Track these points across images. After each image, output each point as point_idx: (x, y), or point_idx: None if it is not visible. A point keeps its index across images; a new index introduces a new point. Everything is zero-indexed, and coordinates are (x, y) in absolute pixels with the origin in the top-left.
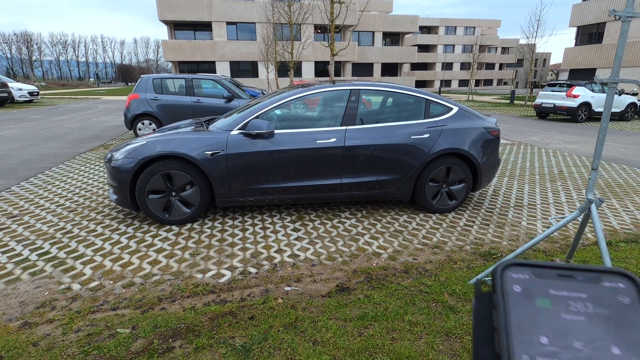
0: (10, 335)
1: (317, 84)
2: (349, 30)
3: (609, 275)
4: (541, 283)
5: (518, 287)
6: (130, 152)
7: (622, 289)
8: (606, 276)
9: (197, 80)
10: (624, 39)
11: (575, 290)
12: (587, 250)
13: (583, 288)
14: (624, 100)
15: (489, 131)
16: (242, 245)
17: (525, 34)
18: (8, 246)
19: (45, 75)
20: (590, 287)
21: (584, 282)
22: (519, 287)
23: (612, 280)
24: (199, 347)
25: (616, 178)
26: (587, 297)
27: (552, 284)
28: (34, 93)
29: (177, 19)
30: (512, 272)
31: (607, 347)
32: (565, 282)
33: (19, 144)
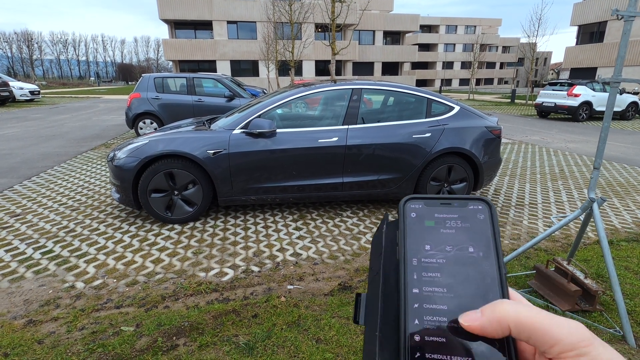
0: (15, 333)
1: (318, 83)
2: (349, 29)
3: (473, 201)
4: (429, 209)
5: (414, 214)
6: (132, 151)
7: (480, 209)
8: (471, 202)
9: (198, 80)
10: (626, 39)
11: (451, 213)
12: (589, 249)
13: (456, 211)
14: (625, 100)
15: (490, 130)
16: (244, 244)
17: (526, 32)
18: (12, 245)
19: (46, 74)
20: (460, 210)
21: (458, 206)
22: (414, 213)
23: (475, 204)
24: (202, 345)
25: (617, 177)
26: (458, 216)
27: (436, 209)
28: (35, 92)
29: (178, 17)
30: (411, 204)
31: (467, 248)
32: (445, 208)
33: (20, 143)
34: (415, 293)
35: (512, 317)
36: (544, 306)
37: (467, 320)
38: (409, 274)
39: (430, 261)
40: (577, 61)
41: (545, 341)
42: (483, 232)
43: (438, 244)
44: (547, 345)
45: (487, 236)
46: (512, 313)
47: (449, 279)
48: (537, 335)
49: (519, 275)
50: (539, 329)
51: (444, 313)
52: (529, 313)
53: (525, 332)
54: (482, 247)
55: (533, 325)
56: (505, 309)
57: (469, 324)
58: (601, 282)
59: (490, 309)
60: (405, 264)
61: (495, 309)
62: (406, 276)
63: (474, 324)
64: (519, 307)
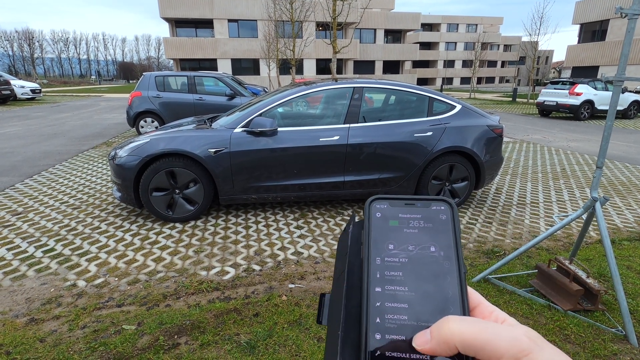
0: (17, 331)
1: (319, 81)
2: (350, 28)
3: (436, 202)
4: (394, 210)
5: (379, 214)
6: (133, 149)
7: (442, 209)
8: (434, 202)
9: (199, 78)
10: (630, 37)
11: (415, 213)
12: (591, 248)
13: (419, 211)
14: (627, 98)
15: (492, 129)
16: (245, 243)
17: (528, 31)
18: (13, 243)
19: (47, 73)
20: (423, 210)
21: (421, 207)
22: (379, 213)
23: (437, 204)
24: (204, 344)
25: (619, 176)
26: (421, 217)
27: (400, 209)
28: (36, 90)
29: (179, 16)
30: (376, 204)
31: (428, 247)
32: (409, 208)
33: (22, 142)
34: (377, 292)
35: (457, 336)
36: (546, 306)
37: (419, 344)
38: (372, 273)
39: (393, 260)
40: (579, 60)
41: (489, 356)
42: (445, 232)
43: (401, 243)
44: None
45: (449, 236)
46: (457, 333)
47: (410, 278)
48: (482, 351)
49: (520, 275)
50: (482, 345)
51: (405, 311)
52: (472, 330)
53: (471, 350)
54: (443, 247)
55: (476, 342)
56: (450, 329)
57: (421, 347)
58: (603, 282)
59: (437, 330)
60: (368, 262)
61: (440, 330)
62: (369, 275)
63: (425, 347)
64: (462, 325)
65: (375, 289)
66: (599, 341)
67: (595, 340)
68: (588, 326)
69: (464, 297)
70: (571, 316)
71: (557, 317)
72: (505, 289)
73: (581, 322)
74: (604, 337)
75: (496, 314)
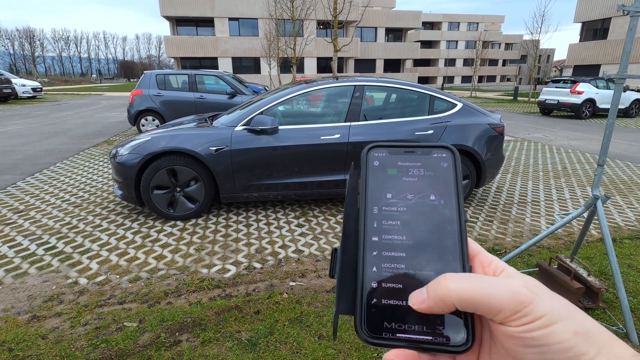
0: (19, 328)
1: (320, 80)
2: (351, 26)
3: (437, 149)
4: (392, 158)
5: (377, 162)
6: (135, 147)
7: (444, 157)
8: (435, 150)
9: (200, 77)
10: (632, 35)
11: (415, 161)
12: (592, 246)
13: (420, 159)
14: (628, 97)
15: (493, 127)
16: (246, 241)
17: (529, 29)
18: (15, 241)
19: (48, 71)
20: (424, 157)
21: (421, 154)
22: (377, 162)
23: (438, 152)
24: (205, 341)
25: (620, 175)
26: (421, 164)
27: (399, 157)
28: (37, 89)
29: (179, 14)
30: (374, 152)
31: (428, 196)
32: (409, 156)
33: (23, 140)
34: (374, 241)
35: (454, 295)
36: None
37: (415, 303)
38: (369, 222)
39: (391, 209)
40: (581, 58)
41: (489, 311)
42: (445, 180)
43: (400, 192)
44: (491, 315)
45: (449, 184)
46: (454, 291)
47: (409, 227)
48: (481, 307)
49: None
50: (480, 301)
51: (403, 260)
52: (469, 287)
53: (469, 307)
54: (443, 195)
55: (474, 299)
56: (447, 287)
57: (418, 306)
58: (604, 280)
59: (433, 289)
60: (365, 212)
61: (437, 289)
62: (366, 225)
63: (422, 306)
64: (459, 282)
65: (372, 238)
66: None
67: None
68: None
69: (463, 246)
70: None
71: None
72: None
73: None
74: None
75: (495, 264)
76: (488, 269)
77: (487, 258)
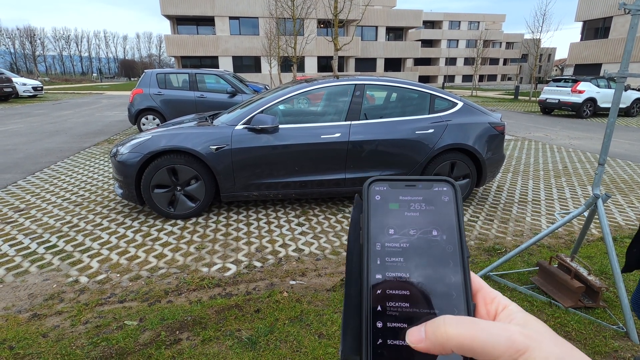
0: (20, 326)
1: (320, 79)
2: (352, 25)
3: (438, 182)
4: (394, 192)
5: (378, 196)
6: (135, 146)
7: (445, 191)
8: (436, 183)
9: (200, 75)
10: (633, 33)
11: (416, 195)
12: (592, 245)
13: (421, 193)
14: (629, 96)
15: (493, 126)
16: (246, 240)
17: (530, 28)
18: (16, 239)
19: (49, 70)
20: (425, 191)
21: (422, 188)
22: (378, 196)
23: (439, 185)
24: (205, 339)
25: (621, 174)
26: (423, 198)
27: (401, 192)
28: (37, 88)
29: (180, 13)
30: (375, 186)
31: (430, 231)
32: (410, 190)
33: (24, 139)
34: (378, 279)
35: (453, 341)
36: (547, 303)
37: (413, 342)
38: (372, 259)
39: (394, 245)
40: (582, 57)
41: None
42: (447, 214)
43: (402, 228)
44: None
45: (451, 219)
46: (453, 337)
47: (412, 264)
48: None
49: (521, 272)
50: (478, 349)
51: (407, 299)
52: (468, 334)
53: (467, 353)
54: (445, 230)
55: (472, 346)
56: (446, 332)
57: (415, 345)
58: (605, 279)
59: (432, 332)
60: (368, 248)
61: (436, 332)
62: (369, 261)
63: (419, 345)
64: (459, 328)
65: (376, 276)
66: (599, 338)
67: (596, 337)
68: (589, 323)
69: (467, 282)
70: (572, 313)
71: (558, 314)
72: (506, 286)
73: (582, 319)
74: (604, 334)
75: (498, 300)
76: (491, 306)
77: (489, 294)
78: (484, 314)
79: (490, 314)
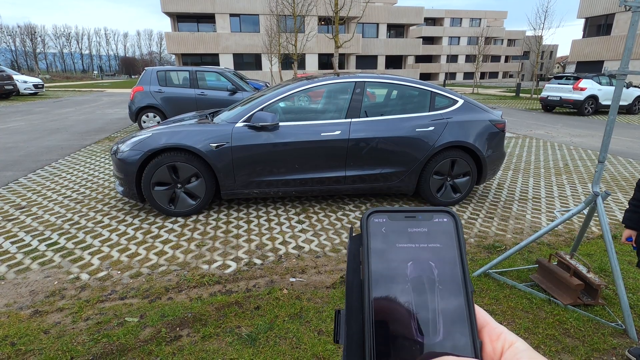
0: (21, 323)
1: (321, 76)
2: (353, 22)
3: (438, 213)
4: (393, 224)
5: (377, 229)
6: (136, 144)
7: (445, 222)
8: (436, 214)
9: (201, 73)
10: (634, 30)
11: (416, 227)
12: (592, 243)
13: (421, 224)
14: (631, 94)
15: (494, 124)
16: (247, 237)
17: (532, 25)
18: (17, 237)
19: (49, 68)
20: (425, 223)
21: (422, 220)
22: (378, 228)
23: (440, 217)
24: (206, 336)
25: (622, 172)
26: (422, 231)
27: (400, 224)
28: (38, 86)
29: (181, 10)
30: (374, 218)
31: (432, 265)
32: (409, 221)
33: (25, 136)
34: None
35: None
36: (546, 300)
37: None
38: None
39: (396, 280)
40: (584, 54)
41: None
42: (448, 246)
43: (403, 262)
44: None
45: (453, 251)
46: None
47: (415, 300)
48: None
49: (521, 269)
50: None
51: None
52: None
53: None
54: (447, 263)
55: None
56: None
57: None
58: (604, 277)
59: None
60: (369, 283)
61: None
62: (371, 297)
63: None
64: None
65: (378, 312)
66: (598, 335)
67: (595, 334)
68: (588, 320)
69: (471, 318)
70: (571, 310)
71: (557, 311)
72: (506, 283)
73: (581, 317)
74: (603, 331)
75: (504, 336)
76: (497, 343)
77: (495, 330)
78: (490, 352)
79: (497, 351)
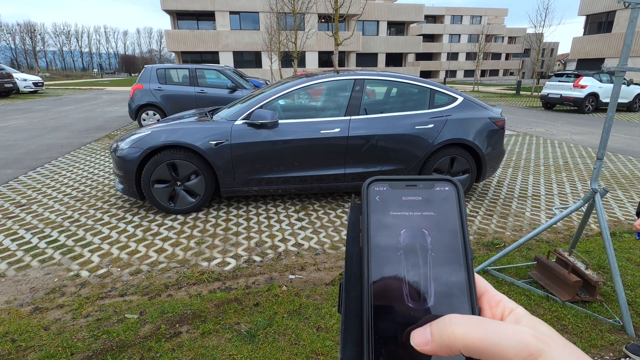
0: (22, 319)
1: (320, 73)
2: (353, 20)
3: (439, 182)
4: (394, 192)
5: (378, 197)
6: (135, 142)
7: (446, 190)
8: (438, 183)
9: (200, 71)
10: (633, 27)
11: (417, 195)
12: (591, 240)
13: (422, 193)
14: (632, 91)
15: (494, 121)
16: (246, 234)
17: (533, 22)
18: (17, 234)
19: (49, 66)
20: (426, 191)
21: (423, 188)
22: (378, 196)
23: (441, 185)
24: (205, 332)
25: (622, 169)
26: (424, 199)
27: (401, 192)
28: (38, 84)
29: (180, 8)
30: (375, 186)
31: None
32: (411, 190)
33: (25, 134)
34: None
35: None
36: (544, 297)
37: (418, 344)
38: (373, 263)
39: (395, 247)
40: (585, 52)
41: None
42: (449, 215)
43: (403, 229)
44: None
45: (454, 219)
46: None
47: (414, 266)
48: (489, 357)
49: (520, 266)
50: (488, 351)
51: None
52: (477, 334)
53: (476, 354)
54: (448, 231)
55: (481, 348)
56: (454, 332)
57: (421, 347)
58: (602, 273)
59: (438, 333)
60: (368, 251)
61: (442, 333)
62: (370, 265)
63: (425, 348)
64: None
65: (377, 279)
66: (596, 331)
67: (593, 330)
68: (586, 317)
69: (471, 285)
70: (569, 307)
71: (555, 307)
72: (504, 280)
73: (579, 313)
74: (601, 328)
75: (504, 303)
76: (496, 309)
77: (495, 297)
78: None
79: (496, 317)
